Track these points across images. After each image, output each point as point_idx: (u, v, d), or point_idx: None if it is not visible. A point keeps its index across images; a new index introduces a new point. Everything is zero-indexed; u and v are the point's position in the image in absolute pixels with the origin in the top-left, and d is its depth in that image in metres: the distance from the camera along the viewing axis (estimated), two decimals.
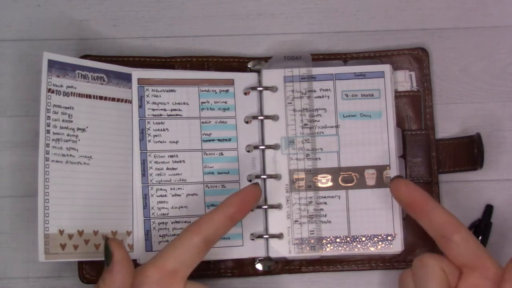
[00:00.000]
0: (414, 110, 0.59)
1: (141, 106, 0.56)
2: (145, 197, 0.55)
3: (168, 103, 0.57)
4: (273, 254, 0.57)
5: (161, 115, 0.57)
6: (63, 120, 0.53)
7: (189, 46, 0.60)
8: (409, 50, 0.60)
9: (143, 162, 0.56)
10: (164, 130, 0.56)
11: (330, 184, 0.57)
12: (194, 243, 0.48)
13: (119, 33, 0.61)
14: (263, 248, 0.57)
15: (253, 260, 0.57)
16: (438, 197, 0.58)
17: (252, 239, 0.56)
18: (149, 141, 0.56)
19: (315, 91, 0.58)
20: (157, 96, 0.57)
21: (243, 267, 0.57)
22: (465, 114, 0.60)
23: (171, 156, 0.56)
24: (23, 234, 0.58)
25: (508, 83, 0.60)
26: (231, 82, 0.58)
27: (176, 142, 0.56)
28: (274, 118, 0.57)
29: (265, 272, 0.57)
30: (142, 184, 0.55)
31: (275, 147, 0.57)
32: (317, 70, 0.58)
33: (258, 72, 0.58)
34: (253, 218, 0.57)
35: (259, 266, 0.57)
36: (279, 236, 0.56)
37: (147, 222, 0.55)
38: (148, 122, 0.56)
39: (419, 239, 0.57)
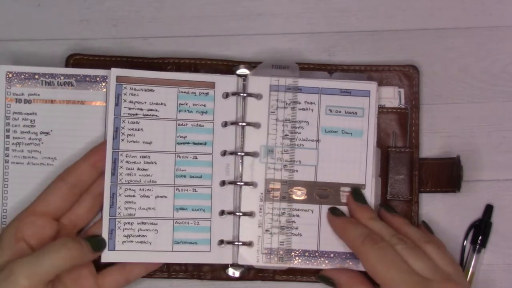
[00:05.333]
0: (401, 127, 0.59)
1: (117, 104, 0.55)
2: (113, 196, 0.55)
3: (145, 102, 0.56)
4: (241, 261, 0.56)
5: (137, 114, 0.56)
6: (24, 126, 0.55)
7: (189, 46, 0.60)
8: (399, 67, 0.59)
9: (114, 161, 0.55)
10: (138, 130, 0.56)
11: (304, 197, 0.57)
12: (59, 187, 0.53)
13: (119, 33, 0.61)
14: (230, 255, 0.56)
15: (226, 265, 0.57)
16: (417, 216, 0.58)
17: (221, 246, 0.56)
18: (122, 140, 0.55)
19: (299, 102, 0.57)
20: (134, 95, 0.56)
21: (216, 271, 0.58)
22: (465, 114, 0.60)
23: (143, 157, 0.56)
24: None
25: (508, 83, 0.60)
26: (212, 85, 0.57)
27: (150, 143, 0.56)
28: (256, 125, 0.57)
29: (238, 278, 0.57)
30: (111, 183, 0.55)
31: (254, 154, 0.57)
32: (303, 82, 0.57)
33: (244, 77, 0.58)
34: (223, 224, 0.56)
35: (230, 272, 0.57)
36: (249, 244, 0.56)
37: (112, 221, 0.55)
38: (123, 121, 0.55)
39: None
